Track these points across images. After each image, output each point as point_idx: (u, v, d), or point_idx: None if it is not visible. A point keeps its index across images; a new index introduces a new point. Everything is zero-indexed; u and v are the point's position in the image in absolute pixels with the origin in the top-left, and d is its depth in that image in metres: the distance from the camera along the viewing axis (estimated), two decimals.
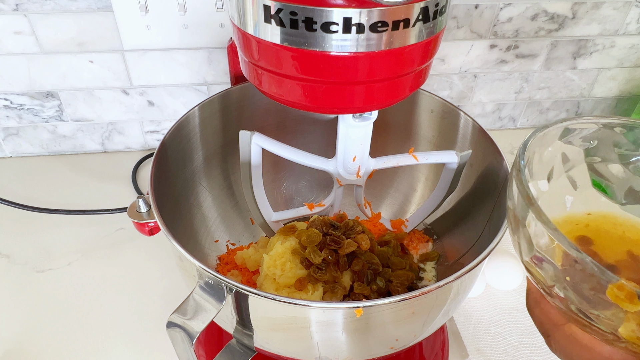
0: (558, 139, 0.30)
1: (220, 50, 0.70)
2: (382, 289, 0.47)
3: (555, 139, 0.30)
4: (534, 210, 0.24)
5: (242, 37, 0.33)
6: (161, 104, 0.76)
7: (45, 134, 0.77)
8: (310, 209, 0.55)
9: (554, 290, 0.24)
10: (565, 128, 0.29)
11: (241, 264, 0.54)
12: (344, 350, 0.38)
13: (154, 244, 0.65)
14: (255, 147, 0.48)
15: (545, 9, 0.73)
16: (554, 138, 0.29)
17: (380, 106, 0.36)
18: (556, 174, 0.31)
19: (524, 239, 0.26)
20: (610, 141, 0.30)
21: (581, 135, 0.30)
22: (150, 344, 0.54)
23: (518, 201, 0.26)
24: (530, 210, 0.24)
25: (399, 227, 0.58)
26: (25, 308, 0.57)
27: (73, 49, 0.68)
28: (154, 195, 0.41)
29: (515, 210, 0.26)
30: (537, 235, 0.24)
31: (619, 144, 0.30)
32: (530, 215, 0.24)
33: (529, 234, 0.25)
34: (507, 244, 0.66)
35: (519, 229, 0.26)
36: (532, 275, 0.26)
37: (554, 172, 0.31)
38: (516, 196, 0.26)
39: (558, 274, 0.23)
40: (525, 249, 0.26)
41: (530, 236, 0.25)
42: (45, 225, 0.67)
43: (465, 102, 0.84)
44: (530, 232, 0.25)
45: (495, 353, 0.53)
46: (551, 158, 0.30)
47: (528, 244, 0.25)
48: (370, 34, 0.29)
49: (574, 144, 0.30)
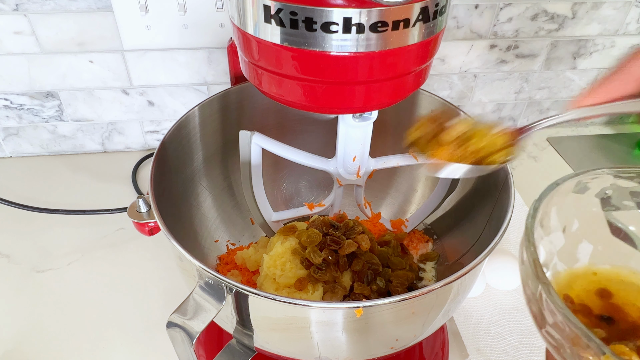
0: (572, 192, 0.30)
1: (220, 50, 0.70)
2: (382, 289, 0.47)
3: (569, 192, 0.29)
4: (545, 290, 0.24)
5: (242, 37, 0.33)
6: (161, 104, 0.76)
7: (45, 134, 0.77)
8: (310, 209, 0.55)
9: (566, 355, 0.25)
10: (578, 182, 0.29)
11: (241, 264, 0.54)
12: (344, 350, 0.38)
13: (154, 244, 0.65)
14: (255, 147, 0.48)
15: (545, 9, 0.73)
16: (567, 192, 0.29)
17: (380, 106, 0.36)
18: (573, 226, 0.30)
19: (535, 306, 0.26)
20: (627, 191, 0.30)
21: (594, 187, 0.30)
22: (150, 344, 0.54)
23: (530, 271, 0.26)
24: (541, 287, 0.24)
25: (399, 227, 0.58)
26: (25, 308, 0.57)
27: (73, 49, 0.68)
28: (154, 195, 0.41)
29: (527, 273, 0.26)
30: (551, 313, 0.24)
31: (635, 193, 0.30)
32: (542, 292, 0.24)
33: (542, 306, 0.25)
34: (507, 244, 0.66)
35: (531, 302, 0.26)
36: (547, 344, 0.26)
37: (571, 226, 0.30)
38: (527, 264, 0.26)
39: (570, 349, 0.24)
40: (539, 321, 0.26)
41: (543, 310, 0.25)
42: (45, 225, 0.67)
43: (465, 102, 0.84)
44: (543, 306, 0.25)
45: (495, 353, 0.53)
46: (567, 211, 0.30)
47: (540, 315, 0.25)
48: (370, 34, 0.29)
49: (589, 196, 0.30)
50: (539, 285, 0.24)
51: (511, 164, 0.41)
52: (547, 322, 0.24)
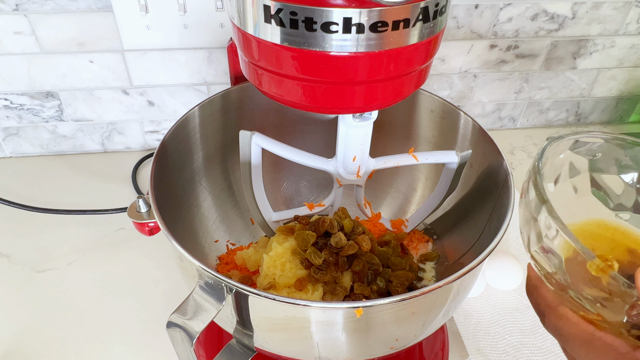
0: (568, 149, 0.34)
1: (220, 50, 0.70)
2: (382, 289, 0.47)
3: (566, 148, 0.33)
4: (547, 207, 0.28)
5: (242, 37, 0.33)
6: (161, 104, 0.76)
7: (45, 134, 0.77)
8: (310, 209, 0.55)
9: (555, 276, 0.28)
10: (576, 140, 0.33)
11: (241, 264, 0.54)
12: (344, 350, 0.38)
13: (154, 244, 0.65)
14: (255, 147, 0.48)
15: (545, 9, 0.73)
16: (565, 147, 0.33)
17: (380, 106, 0.36)
18: (562, 179, 0.34)
19: (534, 232, 0.29)
20: (613, 156, 0.34)
21: (588, 148, 0.34)
22: (150, 344, 0.54)
23: (533, 198, 0.29)
24: (543, 207, 0.28)
25: (399, 227, 0.58)
26: (25, 308, 0.57)
27: (73, 49, 0.68)
28: (154, 195, 0.41)
29: (529, 205, 0.30)
30: (547, 228, 0.28)
31: (620, 160, 0.34)
32: (543, 212, 0.28)
33: (540, 227, 0.29)
34: (507, 244, 0.66)
35: (530, 223, 0.30)
36: (537, 263, 0.30)
37: (561, 178, 0.34)
38: (532, 194, 0.29)
39: (561, 263, 0.27)
40: (534, 240, 0.29)
41: (541, 229, 0.28)
42: (45, 225, 0.67)
43: (465, 102, 0.84)
44: (541, 226, 0.28)
45: (495, 353, 0.53)
46: (560, 165, 0.34)
47: (537, 236, 0.29)
48: (370, 34, 0.29)
49: (581, 154, 0.34)
50: (542, 206, 0.28)
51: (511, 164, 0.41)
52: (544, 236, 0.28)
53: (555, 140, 0.33)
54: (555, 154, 0.33)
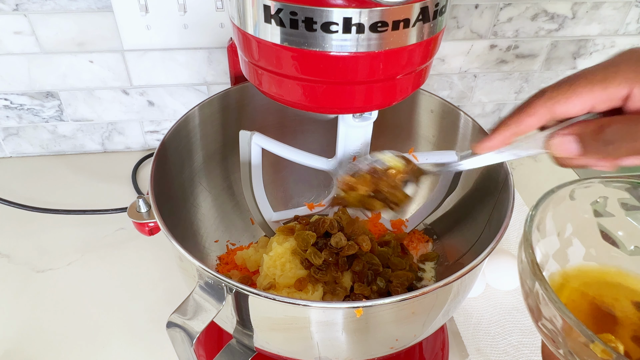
0: (568, 199, 0.33)
1: (220, 50, 0.70)
2: (382, 289, 0.47)
3: (565, 199, 0.33)
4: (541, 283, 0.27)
5: (242, 37, 0.33)
6: (161, 104, 0.76)
7: (45, 134, 0.77)
8: (310, 209, 0.55)
9: (559, 350, 0.28)
10: (572, 190, 0.32)
11: (241, 264, 0.54)
12: (344, 350, 0.38)
13: (154, 244, 0.65)
14: (255, 147, 0.48)
15: (545, 9, 0.73)
16: (563, 199, 0.32)
17: (380, 106, 0.36)
18: (567, 231, 0.34)
19: (533, 301, 0.29)
20: (616, 198, 0.33)
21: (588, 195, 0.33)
22: (150, 344, 0.54)
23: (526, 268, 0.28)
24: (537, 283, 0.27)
25: (399, 227, 0.58)
26: (25, 308, 0.57)
27: (73, 49, 0.68)
28: (154, 195, 0.41)
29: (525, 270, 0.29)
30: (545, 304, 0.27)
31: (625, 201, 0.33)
32: (538, 288, 0.27)
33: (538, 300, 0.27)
34: (507, 244, 0.66)
35: (527, 291, 0.29)
36: (542, 335, 0.29)
37: (565, 230, 0.33)
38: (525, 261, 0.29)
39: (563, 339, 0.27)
40: (536, 315, 0.29)
41: (539, 304, 0.27)
42: (45, 225, 0.67)
43: (465, 102, 0.84)
44: (539, 300, 0.27)
45: (495, 353, 0.53)
46: (562, 217, 0.33)
47: (536, 311, 0.28)
48: (370, 34, 0.29)
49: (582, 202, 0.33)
50: (536, 282, 0.27)
51: (511, 164, 0.41)
52: (543, 315, 0.27)
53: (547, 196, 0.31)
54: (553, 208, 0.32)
